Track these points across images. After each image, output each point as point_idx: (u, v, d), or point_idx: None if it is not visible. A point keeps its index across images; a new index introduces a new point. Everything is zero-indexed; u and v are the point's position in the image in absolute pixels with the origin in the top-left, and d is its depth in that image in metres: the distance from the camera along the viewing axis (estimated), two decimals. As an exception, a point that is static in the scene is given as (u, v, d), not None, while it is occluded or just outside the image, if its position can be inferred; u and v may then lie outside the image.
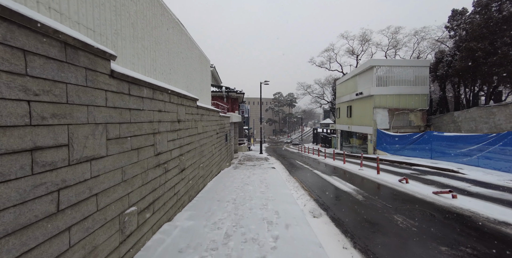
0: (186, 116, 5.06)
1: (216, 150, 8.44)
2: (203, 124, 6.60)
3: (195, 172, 5.78)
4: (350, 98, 24.72)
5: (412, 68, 19.96)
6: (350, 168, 11.24)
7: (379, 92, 19.94)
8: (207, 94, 8.66)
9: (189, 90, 6.36)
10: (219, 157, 9.19)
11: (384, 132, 19.07)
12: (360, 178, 8.79)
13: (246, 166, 11.85)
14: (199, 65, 7.65)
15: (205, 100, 8.49)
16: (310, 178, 9.20)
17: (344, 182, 8.18)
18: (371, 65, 19.93)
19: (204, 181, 6.71)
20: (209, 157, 7.31)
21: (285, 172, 10.71)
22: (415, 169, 11.13)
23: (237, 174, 9.06)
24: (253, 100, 72.29)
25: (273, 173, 9.27)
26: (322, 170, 11.21)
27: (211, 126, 7.65)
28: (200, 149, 6.22)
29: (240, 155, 18.94)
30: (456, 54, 18.08)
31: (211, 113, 7.66)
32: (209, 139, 7.31)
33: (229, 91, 20.77)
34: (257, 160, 15.36)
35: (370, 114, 20.51)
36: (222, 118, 9.84)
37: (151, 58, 4.09)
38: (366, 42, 30.67)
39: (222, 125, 9.95)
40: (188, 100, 5.30)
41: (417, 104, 20.07)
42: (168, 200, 4.07)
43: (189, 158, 5.24)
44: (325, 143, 35.30)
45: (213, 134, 8.02)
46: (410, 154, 15.92)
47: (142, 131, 3.23)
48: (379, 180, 8.28)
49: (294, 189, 7.26)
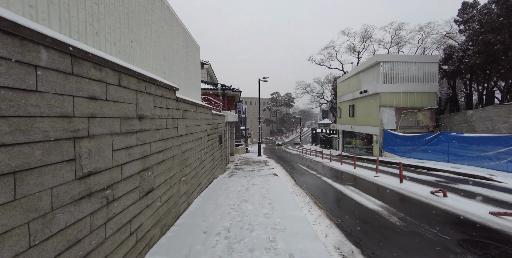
0: (156, 111, 3.42)
1: (207, 156, 6.80)
2: (187, 124, 4.96)
3: (173, 189, 4.14)
4: (353, 96, 23.25)
5: (420, 64, 18.55)
6: (363, 174, 9.67)
7: (385, 90, 18.49)
8: (195, 87, 7.00)
9: (168, 78, 4.72)
10: (211, 164, 7.55)
11: (392, 132, 17.60)
12: (382, 189, 7.22)
13: (243, 172, 10.21)
14: (184, 49, 6.00)
15: (193, 95, 6.84)
16: (321, 188, 7.60)
17: (364, 194, 6.59)
18: (377, 61, 18.46)
19: (189, 199, 5.06)
20: (196, 166, 5.66)
21: (290, 180, 9.08)
22: (436, 175, 9.61)
23: (232, 184, 7.41)
24: (251, 100, 70.69)
25: (276, 183, 7.64)
26: (332, 176, 9.63)
27: (199, 126, 6.00)
28: (181, 157, 4.57)
29: (237, 158, 17.29)
30: (469, 48, 16.71)
31: (199, 110, 6.02)
32: (196, 143, 5.66)
33: (225, 89, 19.13)
34: (256, 164, 13.74)
35: (376, 114, 19.05)
36: (215, 117, 8.20)
37: (86, 11, 2.44)
38: (368, 39, 29.30)
39: (215, 126, 8.31)
40: (161, 89, 3.66)
41: (426, 103, 18.67)
42: (116, 248, 2.42)
43: (161, 172, 3.58)
44: (325, 144, 33.83)
45: (203, 136, 6.38)
46: (422, 156, 14.45)
47: (38, 133, 1.59)
48: (406, 192, 6.71)
49: (306, 206, 5.64)
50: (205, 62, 26.22)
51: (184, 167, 4.74)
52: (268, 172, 10.38)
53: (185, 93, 5.99)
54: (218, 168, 8.79)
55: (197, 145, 5.74)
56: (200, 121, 6.11)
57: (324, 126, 57.15)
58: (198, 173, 5.79)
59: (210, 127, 7.27)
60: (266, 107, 73.31)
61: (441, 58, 18.88)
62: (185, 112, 4.80)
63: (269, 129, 75.46)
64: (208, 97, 8.33)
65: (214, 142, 7.99)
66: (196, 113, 5.73)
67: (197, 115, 5.77)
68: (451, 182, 7.99)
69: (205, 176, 6.54)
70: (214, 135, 7.96)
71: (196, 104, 5.64)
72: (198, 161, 5.83)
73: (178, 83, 5.45)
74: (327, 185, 8.04)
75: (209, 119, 7.12)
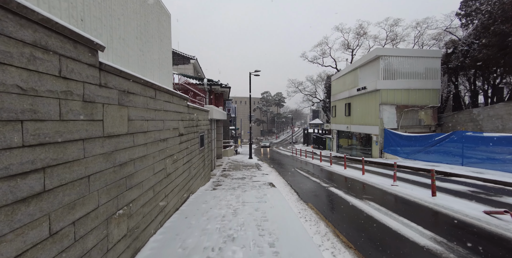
0: (30, 79, 1.38)
1: (178, 165, 4.74)
2: (133, 116, 2.89)
3: (89, 240, 2.08)
4: (350, 94, 21.74)
5: (422, 59, 17.20)
6: (377, 183, 7.88)
7: (386, 86, 17.01)
8: (161, 66, 4.89)
9: (95, 35, 2.65)
10: (187, 175, 5.48)
11: (394, 132, 16.10)
12: (415, 206, 5.40)
13: (232, 181, 8.18)
14: (141, 6, 3.93)
15: (157, 77, 4.76)
16: (334, 206, 5.69)
17: (396, 216, 4.74)
18: (377, 55, 16.94)
19: (136, 242, 2.98)
20: (155, 184, 3.58)
21: (290, 191, 7.12)
22: (461, 182, 7.96)
23: (216, 202, 5.37)
24: (241, 99, 68.57)
25: (275, 199, 5.66)
26: (340, 186, 7.77)
27: (163, 121, 3.94)
28: (115, 175, 2.50)
29: (225, 161, 15.20)
30: (474, 42, 15.47)
31: (163, 97, 3.95)
32: (155, 147, 3.59)
33: (212, 84, 17.04)
34: (247, 168, 11.74)
35: (376, 112, 17.54)
36: (193, 111, 6.13)
37: None
38: (363, 36, 28.01)
39: (194, 123, 6.24)
40: (57, 39, 1.62)
41: (428, 100, 17.34)
42: None
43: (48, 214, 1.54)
44: (318, 144, 32.30)
45: (171, 137, 4.31)
46: (430, 158, 12.95)
47: None
48: (452, 212, 4.90)
49: (325, 242, 3.67)
50: (191, 57, 24.02)
51: (124, 190, 2.67)
52: (262, 179, 8.40)
53: (142, 72, 3.91)
54: (198, 178, 6.72)
55: (157, 150, 3.66)
56: (166, 115, 4.04)
57: (315, 126, 56.00)
58: (158, 195, 3.71)
59: (184, 125, 5.19)
60: (256, 107, 71.39)
61: (443, 54, 17.61)
62: (126, 95, 2.73)
63: (260, 129, 73.59)
64: (183, 84, 6.18)
65: (191, 144, 5.92)
66: (157, 102, 3.66)
67: (158, 104, 3.70)
68: (492, 193, 6.31)
69: (173, 195, 4.47)
70: (191, 135, 5.89)
71: (156, 87, 3.57)
72: (159, 175, 3.75)
73: (126, 52, 3.37)
74: (340, 199, 6.15)
75: (182, 113, 5.05)
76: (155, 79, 4.43)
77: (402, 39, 26.73)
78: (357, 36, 28.37)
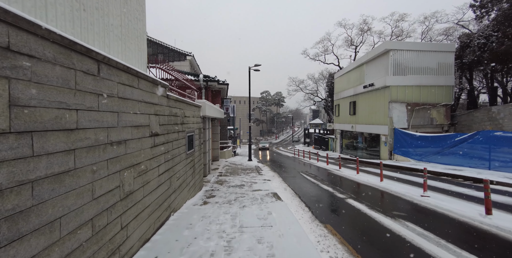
0: None
1: (152, 176, 3.35)
2: (38, 98, 1.51)
3: None
4: (355, 92, 20.40)
5: (435, 53, 15.87)
6: (403, 193, 6.50)
7: (396, 82, 15.67)
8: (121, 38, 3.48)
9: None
10: (167, 187, 4.09)
11: (405, 132, 14.75)
12: (472, 232, 4.02)
13: (228, 190, 6.79)
14: None
15: (126, 56, 3.36)
16: (361, 229, 4.29)
17: (460, 250, 3.37)
18: (386, 48, 15.59)
19: None
20: (96, 214, 2.19)
21: (300, 205, 5.68)
22: (502, 191, 6.62)
23: (203, 229, 3.95)
24: (239, 99, 67.17)
25: (283, 221, 4.27)
26: (361, 197, 6.38)
27: (123, 114, 2.55)
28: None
29: (222, 163, 13.79)
30: (492, 35, 14.17)
31: (117, 77, 2.56)
32: (104, 153, 2.19)
33: (209, 81, 15.61)
34: (246, 173, 10.35)
35: (384, 111, 16.19)
36: (177, 104, 4.73)
37: None
38: (366, 32, 26.68)
39: (178, 119, 4.85)
40: None
41: (440, 98, 16.02)
42: None
43: None
44: (319, 145, 30.95)
45: (138, 138, 2.93)
46: (448, 161, 11.60)
47: None
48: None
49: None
50: (187, 53, 22.65)
51: None
52: (264, 188, 7.01)
53: (83, 36, 2.51)
54: (184, 189, 5.32)
55: (103, 159, 2.27)
56: (123, 105, 2.65)
57: (316, 126, 54.69)
58: (104, 230, 2.31)
59: (161, 121, 3.80)
60: (256, 106, 70.01)
61: (457, 48, 16.30)
62: (6, 56, 1.36)
63: (259, 129, 72.18)
64: (164, 70, 4.75)
65: (174, 147, 4.52)
66: (102, 82, 2.26)
67: (105, 86, 2.31)
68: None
69: (140, 221, 3.07)
70: (173, 135, 4.49)
71: (99, 57, 2.17)
72: (106, 198, 2.36)
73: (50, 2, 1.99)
74: (365, 218, 4.76)
75: (157, 105, 3.65)
76: (112, 54, 3.03)
77: (408, 35, 25.44)
78: (361, 32, 27.05)
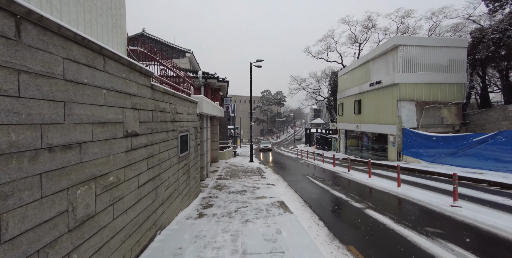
0: None
1: (128, 189, 2.54)
2: None
3: None
4: (360, 90, 19.56)
5: (446, 49, 15.03)
6: (427, 201, 5.67)
7: (405, 80, 14.83)
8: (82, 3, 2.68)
9: None
10: (151, 201, 3.27)
11: (416, 132, 13.92)
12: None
13: (228, 198, 5.97)
14: None
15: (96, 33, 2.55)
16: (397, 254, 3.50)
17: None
18: (395, 44, 14.74)
19: None
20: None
21: (314, 220, 4.79)
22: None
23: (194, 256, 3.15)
24: (240, 98, 66.33)
25: (297, 243, 3.44)
26: (382, 207, 5.55)
27: (77, 106, 1.74)
28: None
29: (221, 165, 12.97)
30: (508, 29, 13.32)
31: (70, 52, 1.75)
32: (34, 163, 1.40)
33: (208, 78, 14.79)
34: (248, 176, 9.53)
35: (393, 109, 15.36)
36: (163, 96, 3.91)
37: None
38: (371, 29, 25.81)
39: (168, 116, 4.02)
40: None
41: (452, 96, 15.17)
42: None
43: None
44: (322, 145, 30.11)
45: (103, 139, 2.12)
46: (464, 163, 10.76)
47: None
48: None
49: None
50: (187, 50, 21.88)
51: None
52: (269, 194, 6.19)
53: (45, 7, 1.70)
54: (176, 199, 4.50)
55: (41, 171, 1.46)
56: (80, 92, 1.83)
57: (317, 125, 53.88)
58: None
59: (143, 117, 2.98)
60: (256, 105, 69.18)
61: (469, 43, 15.44)
62: None
63: (260, 128, 71.36)
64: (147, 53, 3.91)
65: (162, 149, 3.70)
66: (34, 54, 1.46)
67: (44, 61, 1.50)
68: None
69: (105, 255, 2.25)
70: (161, 135, 3.67)
71: (34, 18, 1.36)
72: (41, 233, 1.55)
73: None
74: (394, 235, 3.93)
75: (137, 96, 2.82)
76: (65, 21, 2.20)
77: (414, 32, 24.56)
78: (365, 29, 26.19)
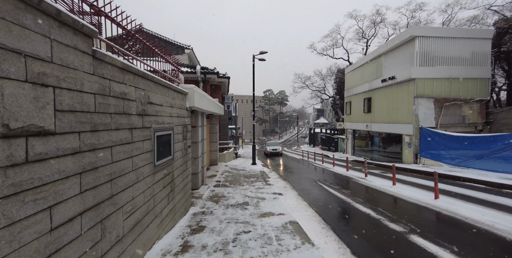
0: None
1: (22, 251, 1.31)
2: None
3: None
4: (370, 87, 18.18)
5: (468, 41, 13.59)
6: (484, 221, 4.32)
7: (422, 74, 13.42)
8: None
9: None
10: (81, 253, 2.02)
11: (436, 132, 12.51)
12: None
13: (225, 215, 4.69)
14: None
15: None
16: None
17: None
18: (412, 35, 13.35)
19: None
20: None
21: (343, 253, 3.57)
22: None
23: None
24: (241, 98, 65.08)
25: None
26: (431, 233, 4.24)
27: None
28: None
29: (221, 168, 11.68)
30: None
31: None
32: None
33: (207, 73, 13.54)
34: (250, 183, 8.24)
35: (408, 107, 13.96)
36: (119, 74, 2.64)
37: None
38: (379, 23, 24.37)
39: (133, 107, 2.75)
40: None
41: (474, 92, 13.73)
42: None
43: None
44: (327, 146, 28.70)
45: None
46: (498, 167, 9.30)
47: None
48: None
49: None
50: (186, 46, 20.71)
51: None
52: (277, 210, 4.91)
53: None
54: (149, 226, 3.23)
55: None
56: None
57: (321, 125, 52.44)
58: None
59: (69, 102, 1.70)
60: (258, 105, 67.88)
61: (493, 34, 13.98)
62: None
63: (262, 128, 70.03)
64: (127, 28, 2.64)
65: (122, 155, 2.43)
66: None
67: None
68: None
69: None
70: (118, 134, 2.39)
71: None
72: None
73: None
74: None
75: (44, 60, 1.55)
76: None
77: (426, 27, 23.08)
78: (373, 24, 24.76)
